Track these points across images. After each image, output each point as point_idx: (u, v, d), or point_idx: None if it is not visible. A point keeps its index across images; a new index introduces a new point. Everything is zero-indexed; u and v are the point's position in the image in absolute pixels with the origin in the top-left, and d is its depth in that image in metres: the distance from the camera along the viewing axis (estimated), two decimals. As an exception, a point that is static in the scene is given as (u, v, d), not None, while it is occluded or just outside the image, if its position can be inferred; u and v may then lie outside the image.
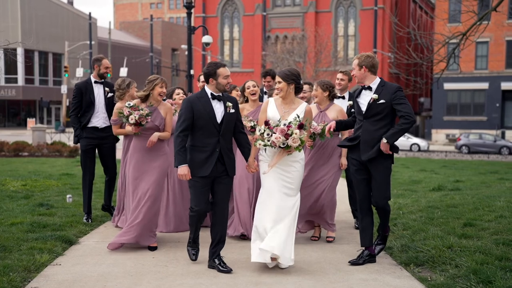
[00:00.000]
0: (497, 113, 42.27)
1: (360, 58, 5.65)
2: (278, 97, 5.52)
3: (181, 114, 5.28)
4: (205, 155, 5.29)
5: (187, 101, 5.33)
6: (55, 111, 54.04)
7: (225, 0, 49.46)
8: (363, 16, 45.60)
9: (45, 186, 10.44)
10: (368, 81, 5.63)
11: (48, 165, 15.49)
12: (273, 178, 5.38)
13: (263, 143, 5.20)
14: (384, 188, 5.56)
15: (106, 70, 7.38)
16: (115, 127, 6.78)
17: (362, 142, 5.56)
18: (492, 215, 7.26)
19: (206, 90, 5.41)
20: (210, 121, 5.28)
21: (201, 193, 5.34)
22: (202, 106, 5.29)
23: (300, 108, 5.46)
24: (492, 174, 15.14)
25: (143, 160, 6.12)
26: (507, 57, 41.82)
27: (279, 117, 5.38)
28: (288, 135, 5.15)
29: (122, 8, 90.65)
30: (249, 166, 5.46)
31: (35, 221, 6.94)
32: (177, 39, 68.00)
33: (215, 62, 5.43)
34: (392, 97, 5.47)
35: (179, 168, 5.24)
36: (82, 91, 7.30)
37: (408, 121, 5.39)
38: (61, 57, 51.38)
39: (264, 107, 5.56)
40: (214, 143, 5.31)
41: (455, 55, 16.38)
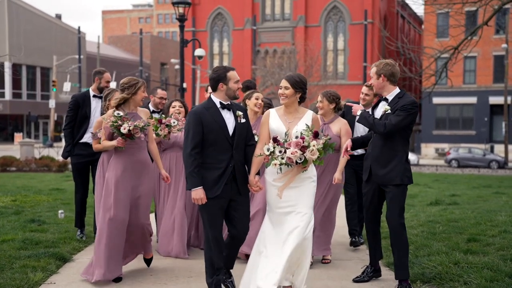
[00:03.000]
0: (486, 127, 42.54)
1: (378, 65, 5.13)
2: (280, 106, 4.99)
3: (188, 129, 4.64)
4: (218, 172, 4.64)
5: (194, 114, 4.67)
6: (42, 125, 53.57)
7: (214, 15, 49.56)
8: (352, 30, 45.85)
9: (35, 201, 10.19)
10: (386, 92, 5.14)
11: (37, 180, 15.21)
12: (282, 199, 4.75)
13: (278, 161, 4.55)
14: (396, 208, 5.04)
15: (106, 84, 6.95)
16: (95, 142, 5.90)
17: (372, 159, 5.13)
18: (496, 230, 7.16)
19: (214, 99, 4.77)
20: (222, 134, 4.67)
21: (217, 215, 4.70)
22: (212, 118, 4.66)
23: (306, 117, 4.87)
24: (486, 188, 15.10)
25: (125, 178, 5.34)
26: (495, 71, 42.22)
27: (284, 129, 4.77)
28: (305, 147, 4.54)
29: (110, 22, 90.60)
30: (250, 185, 4.83)
31: (27, 238, 6.70)
32: (166, 53, 67.95)
33: (223, 66, 4.86)
34: (398, 108, 4.96)
35: (193, 191, 4.58)
36: (79, 103, 6.88)
37: (381, 129, 4.91)
38: (49, 71, 51.04)
39: (264, 120, 4.91)
40: (227, 158, 4.68)
41: (447, 69, 16.44)
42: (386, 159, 5.04)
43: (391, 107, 5.02)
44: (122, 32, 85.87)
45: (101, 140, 5.52)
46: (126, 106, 5.42)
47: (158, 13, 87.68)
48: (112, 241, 5.24)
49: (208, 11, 49.39)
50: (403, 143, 5.06)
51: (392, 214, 5.05)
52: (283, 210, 4.75)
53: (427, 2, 29.67)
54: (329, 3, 46.35)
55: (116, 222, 5.23)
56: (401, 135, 5.05)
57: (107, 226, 5.23)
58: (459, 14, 17.26)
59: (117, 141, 5.32)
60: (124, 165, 5.34)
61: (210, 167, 4.66)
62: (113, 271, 5.26)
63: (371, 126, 5.00)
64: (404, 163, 5.04)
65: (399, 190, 5.03)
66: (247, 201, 4.86)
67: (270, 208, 4.85)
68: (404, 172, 5.01)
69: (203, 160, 4.66)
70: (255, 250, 4.80)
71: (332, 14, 46.72)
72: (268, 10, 48.63)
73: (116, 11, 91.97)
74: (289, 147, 4.56)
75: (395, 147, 5.03)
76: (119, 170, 5.33)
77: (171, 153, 6.49)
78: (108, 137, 5.46)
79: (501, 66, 40.19)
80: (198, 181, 4.59)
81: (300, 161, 4.57)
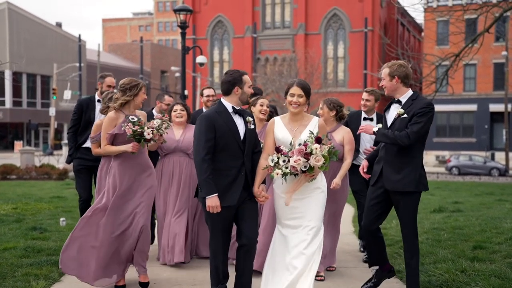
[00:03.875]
0: (486, 134, 42.51)
1: (392, 67, 4.85)
2: (284, 114, 4.80)
3: (200, 134, 4.45)
4: (229, 180, 4.48)
5: (207, 118, 4.47)
6: (43, 133, 53.52)
7: (215, 22, 49.66)
8: (352, 38, 45.92)
9: (36, 209, 10.13)
10: (398, 94, 4.87)
11: (37, 188, 15.16)
12: (289, 211, 4.60)
13: (281, 171, 4.36)
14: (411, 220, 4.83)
15: (108, 89, 6.66)
16: (95, 146, 5.74)
17: (385, 164, 4.85)
18: (501, 237, 7.11)
19: (225, 104, 4.59)
20: (234, 139, 4.50)
21: (226, 224, 4.57)
22: (224, 123, 4.49)
23: (312, 123, 4.70)
24: (488, 196, 15.03)
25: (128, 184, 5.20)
26: (495, 79, 42.26)
27: (290, 137, 4.58)
28: (308, 154, 4.34)
29: (111, 30, 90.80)
30: (256, 196, 4.63)
31: (29, 246, 6.65)
32: (166, 61, 68.04)
33: (236, 70, 4.68)
34: (415, 112, 4.71)
35: (208, 199, 4.39)
36: (83, 108, 6.70)
37: (404, 141, 4.64)
38: (50, 79, 51.05)
39: (269, 129, 4.71)
40: (238, 165, 4.52)
41: (448, 76, 16.43)
42: (401, 164, 4.78)
43: (405, 110, 4.78)
44: (122, 40, 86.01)
45: (102, 144, 5.27)
46: (125, 108, 5.23)
47: (158, 21, 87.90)
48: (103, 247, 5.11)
49: (209, 19, 49.50)
50: (419, 147, 4.82)
51: (405, 225, 4.82)
52: (291, 222, 4.60)
53: (427, 9, 29.75)
54: (329, 10, 46.46)
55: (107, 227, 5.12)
56: (419, 142, 4.82)
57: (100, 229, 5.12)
58: (460, 21, 17.29)
59: (132, 146, 5.12)
60: (127, 170, 5.18)
61: (220, 174, 4.48)
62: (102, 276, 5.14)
63: (393, 141, 4.70)
64: (420, 169, 4.81)
65: (412, 198, 4.79)
66: (256, 208, 4.72)
67: (279, 221, 4.71)
68: (419, 179, 4.77)
69: (214, 166, 4.49)
70: (268, 266, 4.65)
71: (332, 22, 46.82)
72: (269, 18, 48.74)
73: (116, 19, 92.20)
74: (292, 155, 4.38)
75: (411, 152, 4.78)
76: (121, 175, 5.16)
77: (173, 157, 6.31)
78: (110, 141, 5.22)
79: (501, 74, 40.23)
80: (213, 188, 4.41)
81: (305, 169, 4.38)
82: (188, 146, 6.24)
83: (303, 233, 4.55)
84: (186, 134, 6.31)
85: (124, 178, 5.17)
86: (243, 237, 4.58)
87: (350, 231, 8.34)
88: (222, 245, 4.61)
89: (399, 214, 4.87)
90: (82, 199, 6.71)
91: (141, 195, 5.20)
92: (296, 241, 4.55)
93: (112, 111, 5.27)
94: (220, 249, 4.62)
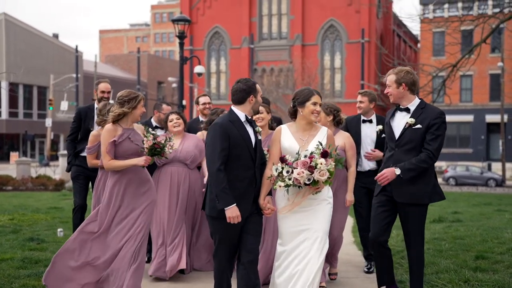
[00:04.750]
0: (483, 145, 42.59)
1: (398, 73, 4.71)
2: (291, 123, 4.62)
3: (215, 143, 4.27)
4: (240, 191, 4.31)
5: (221, 127, 4.30)
6: (39, 144, 53.36)
7: (212, 33, 49.76)
8: (349, 49, 46.06)
9: (33, 220, 10.04)
10: (405, 101, 4.72)
11: (33, 199, 15.05)
12: (293, 223, 4.43)
13: (284, 183, 4.21)
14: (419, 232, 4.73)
15: (102, 95, 6.62)
16: (91, 157, 5.64)
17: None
18: (503, 247, 7.07)
19: (237, 113, 4.41)
20: (247, 149, 4.35)
21: (234, 237, 4.40)
22: (238, 132, 4.33)
23: (321, 133, 4.52)
24: (486, 206, 14.99)
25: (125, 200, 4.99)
26: (491, 90, 42.46)
27: (297, 146, 4.40)
28: (313, 167, 4.18)
29: (107, 41, 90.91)
30: (261, 208, 4.47)
31: (26, 257, 6.57)
32: (163, 72, 68.09)
33: (248, 78, 4.56)
34: (430, 123, 4.58)
35: (228, 210, 4.21)
36: (82, 116, 6.64)
37: (430, 162, 4.54)
38: (46, 90, 50.96)
39: (275, 138, 4.52)
40: (250, 176, 4.37)
41: (445, 86, 16.47)
42: (415, 176, 4.59)
43: (415, 119, 4.63)
44: (119, 51, 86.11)
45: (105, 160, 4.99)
46: (123, 122, 5.03)
47: (155, 32, 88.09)
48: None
49: (206, 30, 49.60)
50: None
51: (414, 234, 4.71)
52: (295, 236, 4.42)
53: (424, 20, 29.85)
54: (325, 21, 46.63)
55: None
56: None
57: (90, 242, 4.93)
58: (456, 32, 17.36)
59: (145, 159, 4.92)
60: (123, 184, 4.97)
61: (231, 185, 4.28)
62: None
63: (420, 169, 4.55)
64: (434, 179, 4.71)
65: (423, 209, 4.68)
66: (261, 222, 4.54)
67: (281, 235, 4.54)
68: (434, 190, 4.66)
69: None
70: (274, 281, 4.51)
71: (329, 32, 46.98)
72: (265, 29, 48.88)
73: (113, 31, 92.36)
74: (296, 167, 4.22)
75: None
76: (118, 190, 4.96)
77: (171, 167, 6.10)
78: (112, 154, 4.96)
79: (497, 85, 40.40)
80: (232, 198, 4.23)
81: (308, 182, 4.21)
82: (186, 156, 6.09)
83: (307, 244, 4.39)
84: (184, 144, 6.15)
85: (119, 193, 4.96)
86: (246, 252, 4.39)
87: (350, 241, 8.29)
88: (229, 259, 4.48)
89: (408, 224, 4.73)
90: (77, 205, 6.56)
91: (139, 212, 4.96)
92: (300, 252, 4.40)
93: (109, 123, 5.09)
94: (227, 263, 4.48)
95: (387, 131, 4.86)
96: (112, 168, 4.99)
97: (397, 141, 4.71)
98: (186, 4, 49.15)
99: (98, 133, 5.73)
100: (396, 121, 4.77)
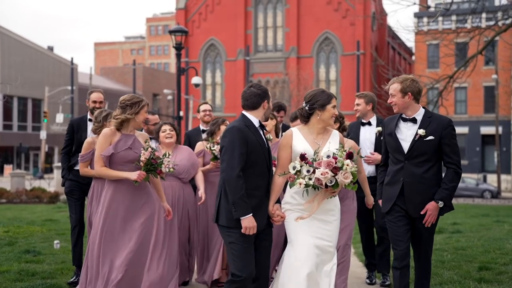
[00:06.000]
0: (478, 157, 42.66)
1: (404, 82, 4.51)
2: (301, 125, 4.34)
3: (234, 147, 4.03)
4: (256, 201, 4.07)
5: (239, 131, 4.09)
6: (33, 157, 53.09)
7: (207, 46, 49.86)
8: (344, 61, 46.23)
9: (29, 232, 9.90)
10: (410, 111, 4.51)
11: (28, 211, 14.88)
12: (308, 232, 4.11)
13: (304, 181, 3.94)
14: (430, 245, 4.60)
15: (94, 105, 6.37)
16: (83, 165, 5.33)
17: (409, 190, 4.44)
18: (507, 258, 7.01)
19: (250, 118, 4.21)
20: (263, 156, 4.15)
21: (249, 251, 4.06)
22: (255, 137, 4.14)
23: (333, 137, 4.31)
24: (484, 217, 14.93)
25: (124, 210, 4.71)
26: (485, 102, 42.64)
27: (312, 150, 4.13)
28: (338, 168, 3.95)
29: (102, 54, 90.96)
30: (270, 216, 4.20)
31: (23, 269, 6.45)
32: (158, 84, 68.07)
33: (259, 84, 4.37)
34: (442, 134, 4.40)
35: (244, 220, 3.97)
36: (74, 128, 6.34)
37: (459, 174, 4.39)
38: (41, 102, 50.83)
39: (286, 142, 4.24)
40: (265, 185, 4.16)
41: (442, 97, 16.51)
42: (428, 189, 4.43)
43: (424, 129, 4.43)
44: (114, 64, 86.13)
45: (97, 166, 4.75)
46: (124, 128, 4.76)
47: (150, 44, 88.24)
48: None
49: (201, 42, 49.71)
50: (440, 165, 4.53)
51: (427, 250, 4.55)
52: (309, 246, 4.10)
53: (419, 32, 29.96)
54: (321, 34, 46.82)
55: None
56: (438, 160, 4.52)
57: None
58: (452, 44, 17.42)
59: (138, 174, 4.61)
60: (120, 197, 4.68)
61: (248, 194, 4.03)
62: None
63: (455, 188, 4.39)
64: None
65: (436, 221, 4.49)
66: (271, 235, 4.32)
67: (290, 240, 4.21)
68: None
69: None
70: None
71: (324, 45, 47.17)
72: (261, 41, 49.04)
73: (108, 43, 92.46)
74: (318, 166, 3.96)
75: (439, 171, 4.47)
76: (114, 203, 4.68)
77: (163, 182, 5.57)
78: (107, 162, 4.69)
79: (491, 97, 40.58)
80: (249, 208, 4.00)
81: (330, 184, 3.96)
82: (179, 170, 5.68)
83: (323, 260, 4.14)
84: (177, 157, 5.77)
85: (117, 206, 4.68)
86: (256, 268, 4.12)
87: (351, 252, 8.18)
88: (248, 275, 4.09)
89: (421, 238, 4.54)
90: (73, 225, 6.22)
91: (137, 226, 4.68)
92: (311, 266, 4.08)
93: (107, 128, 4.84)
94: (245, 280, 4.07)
95: (391, 143, 4.60)
96: (102, 176, 4.79)
97: (407, 154, 4.47)
98: (182, 17, 49.29)
99: (92, 140, 5.46)
100: (402, 132, 4.55)
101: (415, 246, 4.64)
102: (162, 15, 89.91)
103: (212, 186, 5.89)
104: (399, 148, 4.50)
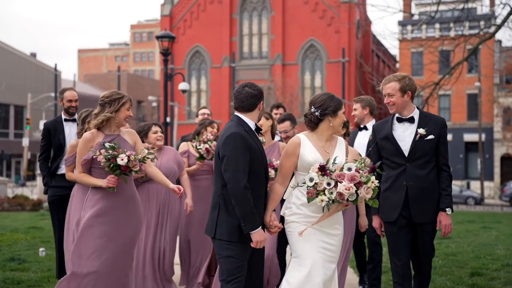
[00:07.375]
0: (461, 164, 43.01)
1: (402, 80, 4.25)
2: (307, 131, 4.00)
3: (238, 156, 3.67)
4: (258, 212, 3.77)
5: (242, 137, 3.72)
6: (15, 164, 52.42)
7: (192, 52, 49.75)
8: (329, 68, 46.40)
9: (12, 240, 9.69)
10: (407, 111, 4.29)
11: (10, 219, 14.60)
12: (315, 246, 3.83)
13: (326, 197, 3.63)
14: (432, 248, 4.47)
15: (69, 104, 6.06)
16: (68, 169, 4.98)
17: (414, 194, 4.22)
18: (498, 263, 7.00)
19: (247, 121, 3.86)
20: (263, 163, 3.84)
21: (245, 267, 3.79)
22: (255, 143, 3.81)
23: (340, 144, 4.02)
24: (470, 223, 14.98)
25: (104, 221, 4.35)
26: (468, 109, 43.06)
27: (322, 159, 3.81)
28: (361, 183, 3.64)
29: (86, 60, 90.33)
30: (266, 227, 3.90)
31: (8, 277, 6.29)
32: (142, 91, 67.76)
33: (253, 83, 3.99)
34: (440, 133, 4.24)
35: (255, 234, 3.68)
36: (50, 131, 6.02)
37: (451, 177, 4.30)
38: (23, 109, 50.27)
39: (292, 151, 3.89)
40: (263, 195, 3.85)
41: (428, 104, 16.63)
42: (433, 192, 4.27)
43: (423, 128, 4.24)
44: (98, 71, 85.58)
45: (77, 171, 4.49)
46: (106, 127, 4.43)
47: (134, 51, 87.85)
48: None
49: (186, 49, 49.59)
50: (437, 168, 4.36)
51: (427, 256, 4.40)
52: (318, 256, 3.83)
53: (404, 39, 30.15)
54: (306, 41, 46.97)
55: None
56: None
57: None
58: (436, 51, 17.53)
59: (107, 180, 4.26)
60: (105, 203, 4.34)
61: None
62: None
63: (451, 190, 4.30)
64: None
65: (436, 226, 4.35)
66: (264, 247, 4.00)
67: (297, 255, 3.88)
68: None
69: None
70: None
71: (309, 52, 47.31)
72: (246, 48, 49.04)
73: (92, 50, 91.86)
74: (340, 180, 3.63)
75: (437, 173, 4.32)
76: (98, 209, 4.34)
77: (149, 185, 5.51)
78: (87, 168, 4.39)
79: (474, 104, 41.02)
80: (259, 221, 3.72)
81: (351, 199, 3.67)
82: (166, 173, 5.28)
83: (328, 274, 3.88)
84: (163, 159, 5.57)
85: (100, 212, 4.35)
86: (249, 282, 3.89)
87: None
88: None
89: (424, 243, 4.38)
90: (57, 237, 5.85)
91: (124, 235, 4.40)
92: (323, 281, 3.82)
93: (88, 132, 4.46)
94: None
95: (387, 146, 4.32)
96: (80, 182, 4.54)
97: (408, 156, 4.25)
98: (167, 24, 49.14)
99: (76, 142, 5.04)
100: (399, 133, 4.31)
101: (417, 255, 4.45)
102: (146, 22, 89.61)
103: (197, 190, 5.80)
104: (398, 151, 4.27)
